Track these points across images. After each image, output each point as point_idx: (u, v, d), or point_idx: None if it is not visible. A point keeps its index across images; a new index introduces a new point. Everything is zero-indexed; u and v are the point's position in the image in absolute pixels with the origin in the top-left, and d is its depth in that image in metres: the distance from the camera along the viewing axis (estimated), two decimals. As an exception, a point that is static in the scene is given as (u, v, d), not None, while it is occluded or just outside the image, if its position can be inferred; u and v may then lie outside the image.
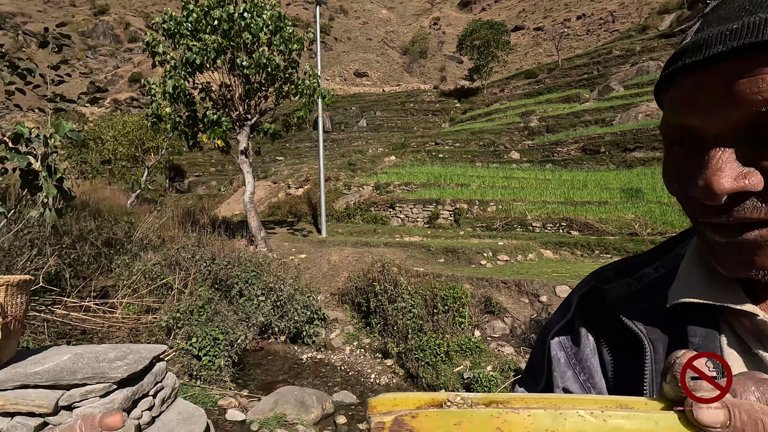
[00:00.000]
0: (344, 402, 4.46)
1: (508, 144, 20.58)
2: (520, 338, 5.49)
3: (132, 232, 7.67)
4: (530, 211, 11.77)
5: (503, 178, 15.53)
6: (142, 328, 5.14)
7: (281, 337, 6.06)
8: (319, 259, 8.56)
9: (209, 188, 22.89)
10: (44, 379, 2.30)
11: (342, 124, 28.67)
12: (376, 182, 15.24)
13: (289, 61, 9.19)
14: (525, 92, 27.74)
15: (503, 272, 7.25)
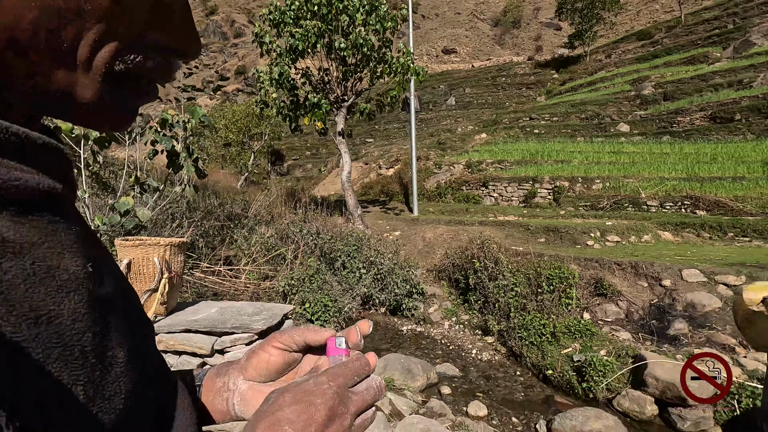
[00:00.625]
0: (447, 374, 4.54)
1: (616, 116, 18.58)
2: (638, 324, 5.02)
3: (247, 209, 8.51)
4: (644, 189, 10.58)
5: (610, 153, 14.12)
6: (261, 292, 5.72)
7: (381, 309, 6.32)
8: (414, 236, 8.67)
9: (305, 171, 24.37)
10: (202, 326, 2.69)
11: (430, 103, 28.33)
12: (467, 161, 14.88)
13: (383, 41, 9.26)
14: (637, 56, 24.65)
15: (614, 254, 6.66)
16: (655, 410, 3.79)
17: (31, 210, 0.28)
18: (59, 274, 0.28)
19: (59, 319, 0.26)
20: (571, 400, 4.16)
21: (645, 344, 4.62)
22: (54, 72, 0.27)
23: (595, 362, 4.16)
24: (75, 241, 0.31)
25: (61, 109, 0.29)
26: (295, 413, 0.35)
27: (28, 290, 0.25)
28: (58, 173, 0.30)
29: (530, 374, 4.66)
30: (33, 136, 0.28)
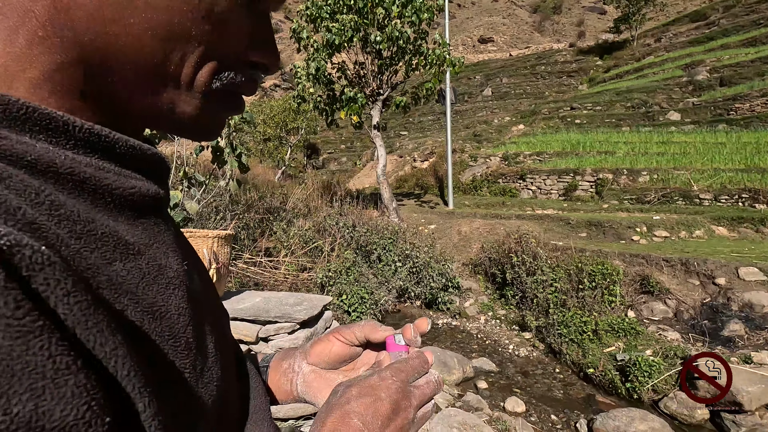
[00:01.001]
0: (483, 368, 4.50)
1: (666, 103, 17.55)
2: (688, 324, 4.78)
3: (285, 202, 8.74)
4: (696, 181, 9.97)
5: (659, 144, 13.38)
6: (300, 283, 5.88)
7: (417, 302, 6.34)
8: (449, 229, 8.61)
9: (340, 164, 24.65)
10: (248, 315, 2.81)
11: (465, 95, 27.82)
12: (504, 153, 14.55)
13: (419, 32, 9.16)
14: (690, 39, 23.12)
15: (663, 250, 6.33)
16: (706, 414, 3.61)
17: (143, 214, 0.31)
18: (166, 272, 0.31)
19: (168, 314, 0.29)
20: (613, 400, 4.03)
21: (695, 345, 4.39)
22: (163, 91, 0.31)
23: (641, 362, 4.00)
24: (173, 240, 0.34)
25: (163, 122, 0.33)
26: (363, 406, 0.37)
27: (145, 288, 0.28)
28: (161, 179, 0.34)
29: (570, 372, 4.55)
30: (144, 147, 0.31)
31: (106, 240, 0.26)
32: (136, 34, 0.27)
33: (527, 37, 46.84)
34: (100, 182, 0.27)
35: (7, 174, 0.22)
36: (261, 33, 0.34)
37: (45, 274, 0.19)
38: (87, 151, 0.27)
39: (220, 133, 0.36)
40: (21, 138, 0.24)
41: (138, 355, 0.24)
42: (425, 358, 0.45)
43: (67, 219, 0.24)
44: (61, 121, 0.26)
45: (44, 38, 0.26)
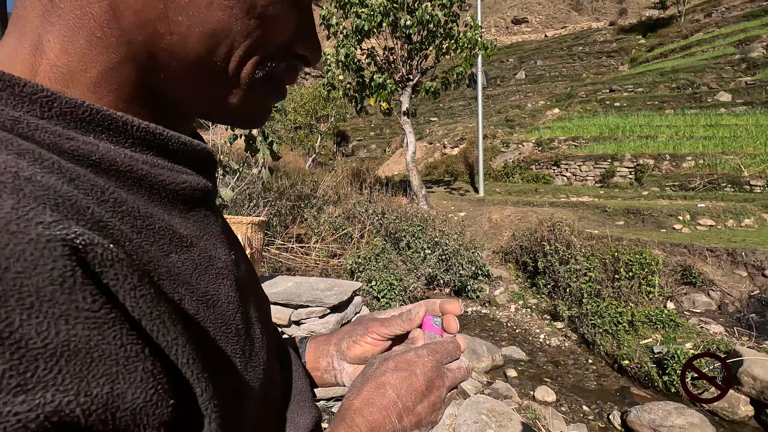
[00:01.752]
0: (513, 357, 4.47)
1: (715, 83, 16.42)
2: (733, 317, 4.54)
3: (316, 189, 8.86)
4: (747, 167, 9.35)
5: (705, 127, 12.58)
6: (330, 269, 5.99)
7: (446, 289, 6.33)
8: (480, 217, 8.49)
9: (370, 151, 24.65)
10: (280, 298, 2.90)
11: (498, 79, 27.04)
12: (537, 138, 14.10)
13: (450, 15, 8.94)
14: (744, 13, 21.43)
15: (707, 239, 6.02)
16: (750, 411, 3.45)
17: (193, 207, 0.33)
18: (216, 263, 0.33)
19: (219, 302, 0.31)
20: (649, 393, 3.92)
21: (741, 339, 4.18)
22: (210, 84, 0.32)
23: (680, 355, 3.85)
24: (221, 231, 0.36)
25: (212, 113, 0.35)
26: (398, 379, 0.39)
27: (198, 278, 0.30)
28: (209, 173, 0.36)
29: (603, 363, 4.44)
30: (194, 143, 0.33)
31: (163, 233, 0.28)
32: (182, 32, 0.29)
33: (564, 16, 44.77)
34: (156, 178, 0.29)
35: (75, 174, 0.24)
36: (304, 26, 0.34)
37: (114, 270, 0.21)
38: (143, 148, 0.30)
39: (267, 119, 0.38)
40: (86, 138, 0.26)
41: (195, 342, 0.26)
42: (458, 344, 0.46)
43: (129, 215, 0.26)
44: (121, 121, 0.28)
45: (102, 38, 0.27)
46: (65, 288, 0.19)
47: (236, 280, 0.34)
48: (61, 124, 0.26)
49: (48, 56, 0.27)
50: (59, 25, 0.27)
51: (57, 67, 0.27)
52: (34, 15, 0.27)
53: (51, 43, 0.27)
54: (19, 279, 0.17)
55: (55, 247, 0.19)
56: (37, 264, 0.18)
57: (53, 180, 0.22)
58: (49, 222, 0.19)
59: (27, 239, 0.18)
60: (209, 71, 0.31)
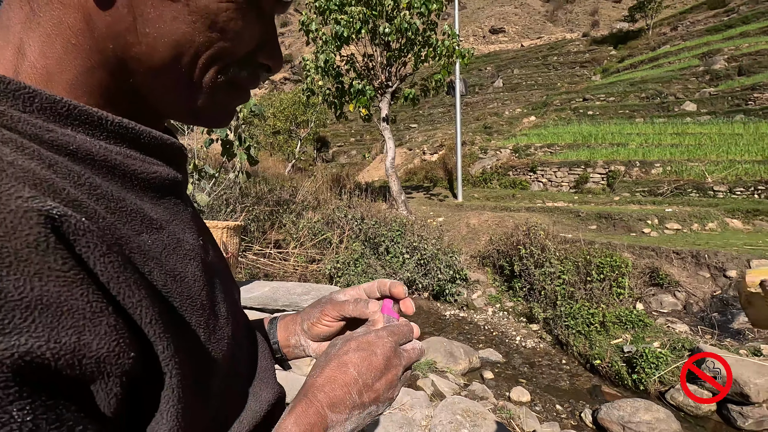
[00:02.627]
0: (490, 359, 4.54)
1: (681, 94, 17.18)
2: (697, 316, 4.74)
3: (295, 194, 8.81)
4: (711, 173, 9.80)
5: (673, 135, 13.14)
6: (309, 274, 5.96)
7: (424, 294, 6.38)
8: (458, 222, 8.61)
9: (350, 157, 24.66)
10: (256, 303, 2.88)
11: (476, 86, 27.54)
12: (514, 145, 14.42)
13: (428, 24, 9.09)
14: (707, 27, 22.54)
15: (674, 242, 6.27)
16: (712, 406, 3.60)
17: (164, 195, 0.36)
18: (183, 245, 0.36)
19: (186, 279, 0.34)
20: (619, 391, 4.04)
21: (704, 337, 4.37)
22: (176, 88, 0.36)
23: (648, 354, 4.00)
24: (190, 218, 0.40)
25: (179, 114, 0.38)
26: (359, 358, 0.42)
27: (167, 257, 0.33)
28: (179, 165, 0.39)
29: (576, 363, 4.56)
30: (164, 137, 0.36)
31: (134, 215, 0.32)
32: (149, 42, 0.32)
33: (539, 27, 46.04)
34: (128, 167, 0.33)
35: (54, 161, 0.27)
36: (265, 37, 0.38)
37: (86, 239, 0.24)
38: (117, 141, 0.33)
39: (230, 120, 0.41)
40: (64, 131, 0.29)
41: (159, 307, 0.30)
42: (412, 327, 0.49)
43: (103, 197, 0.29)
44: (96, 116, 0.31)
45: (76, 45, 0.31)
46: (39, 251, 0.21)
47: (203, 262, 0.37)
48: (42, 117, 0.29)
49: (29, 59, 0.30)
50: (39, 31, 0.30)
51: (36, 69, 0.30)
52: (17, 21, 0.31)
53: (31, 47, 0.30)
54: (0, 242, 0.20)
55: (32, 217, 0.22)
56: (15, 230, 0.21)
57: (33, 165, 0.25)
58: (27, 197, 0.22)
59: (7, 210, 0.21)
60: (175, 77, 0.34)
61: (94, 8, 0.30)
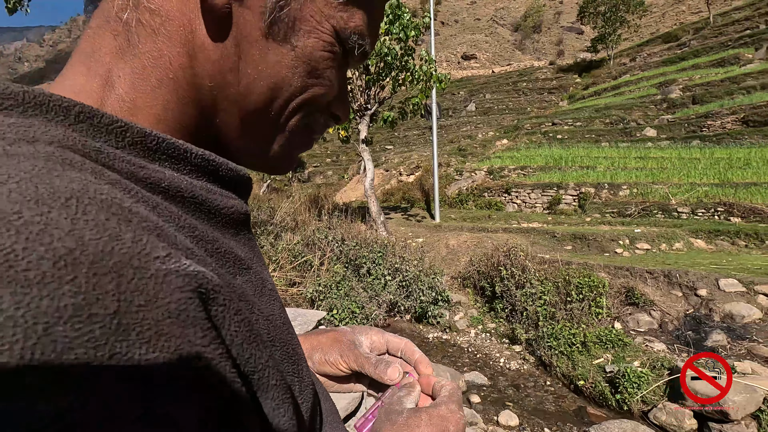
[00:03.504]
0: (476, 382, 4.50)
1: (642, 120, 18.18)
2: (673, 334, 4.88)
3: (273, 215, 8.65)
4: (674, 195, 10.31)
5: (636, 159, 13.81)
6: (289, 298, 5.81)
7: (407, 316, 6.32)
8: (437, 243, 8.66)
9: (326, 178, 24.62)
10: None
11: (450, 110, 28.31)
12: (489, 167, 14.79)
13: (406, 49, 9.33)
14: (663, 59, 24.13)
15: (645, 262, 6.49)
16: (693, 424, 3.67)
17: (240, 230, 0.34)
18: (266, 284, 0.33)
19: (276, 323, 0.31)
20: (604, 411, 4.07)
21: (681, 356, 4.49)
22: (260, 131, 0.35)
23: (629, 373, 4.06)
24: (260, 253, 0.37)
25: (250, 158, 0.37)
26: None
27: (259, 299, 0.31)
28: (246, 197, 0.36)
29: (560, 384, 4.58)
30: (239, 169, 0.34)
31: (228, 256, 0.29)
32: (248, 83, 0.32)
33: (509, 54, 48.16)
34: (212, 203, 0.30)
35: (155, 202, 0.25)
36: (342, 88, 0.38)
37: (221, 298, 0.22)
38: (199, 174, 0.31)
39: (292, 168, 0.40)
40: (154, 166, 0.27)
41: (274, 365, 0.27)
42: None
43: (202, 240, 0.27)
44: (182, 149, 0.29)
45: (173, 80, 0.30)
46: (180, 320, 0.19)
47: (280, 301, 0.35)
48: (133, 153, 0.27)
49: (117, 91, 0.29)
50: (134, 63, 0.29)
51: (124, 102, 0.29)
52: (106, 52, 0.29)
53: (121, 79, 0.29)
54: (141, 312, 0.18)
55: (172, 281, 0.20)
56: (157, 297, 0.19)
57: (143, 209, 0.22)
58: (164, 256, 0.20)
59: (149, 274, 0.19)
60: (263, 120, 0.34)
61: (201, 44, 0.30)
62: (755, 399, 3.52)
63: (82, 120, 0.24)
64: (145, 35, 0.29)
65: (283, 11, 0.31)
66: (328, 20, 0.33)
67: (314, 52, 0.33)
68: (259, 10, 0.31)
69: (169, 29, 0.29)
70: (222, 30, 0.30)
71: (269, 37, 0.31)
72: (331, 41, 0.33)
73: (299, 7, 0.32)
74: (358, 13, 0.35)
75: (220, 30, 0.30)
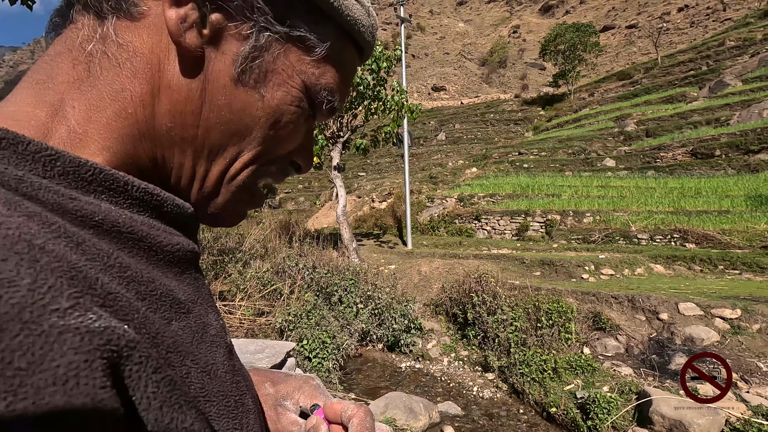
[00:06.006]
0: (449, 413, 4.42)
1: (602, 151, 19.18)
2: (638, 358, 5.00)
3: (242, 242, 8.44)
4: (634, 222, 10.79)
5: (598, 188, 14.47)
6: (257, 328, 5.60)
7: (379, 345, 6.20)
8: (409, 269, 8.65)
9: (298, 204, 24.41)
10: (204, 365, 2.62)
11: (420, 139, 28.97)
12: (459, 194, 15.09)
13: (378, 80, 9.57)
14: (618, 95, 25.78)
15: (610, 287, 6.69)
16: (662, 449, 3.71)
17: (185, 269, 0.31)
18: (209, 329, 0.30)
19: (218, 372, 0.29)
20: (576, 439, 4.06)
21: (647, 380, 4.58)
22: (210, 179, 0.33)
23: (599, 399, 4.10)
24: (208, 293, 0.34)
25: (196, 206, 0.35)
26: None
27: (198, 347, 0.28)
28: (194, 235, 0.34)
29: (533, 412, 4.56)
30: (185, 206, 0.32)
31: (164, 300, 0.27)
32: (207, 127, 0.31)
33: (476, 87, 50.31)
34: (154, 240, 0.28)
35: (81, 238, 0.22)
36: (305, 141, 0.38)
37: (136, 356, 0.19)
38: (141, 209, 0.29)
39: (239, 222, 0.39)
40: (88, 198, 0.25)
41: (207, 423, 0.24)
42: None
43: (133, 281, 0.25)
44: (122, 180, 0.27)
45: (132, 115, 0.29)
46: (68, 388, 0.16)
47: (227, 346, 0.33)
48: (63, 183, 0.24)
49: (69, 122, 0.27)
50: (90, 94, 0.28)
51: (75, 133, 0.27)
52: (62, 80, 0.28)
53: (75, 110, 0.27)
54: (18, 377, 0.15)
55: (67, 340, 0.17)
56: (44, 360, 0.16)
57: (62, 247, 0.20)
58: (65, 308, 0.17)
59: (38, 331, 0.16)
60: (214, 167, 0.33)
61: (167, 83, 0.29)
62: (718, 421, 3.61)
63: (4, 147, 0.23)
64: (108, 67, 0.28)
65: (255, 61, 0.31)
66: (299, 75, 0.33)
67: (281, 105, 0.33)
68: (232, 57, 0.30)
69: (135, 65, 0.28)
70: (191, 72, 0.30)
71: (238, 84, 0.31)
72: (300, 96, 0.33)
73: (272, 60, 0.31)
74: (331, 70, 0.34)
75: (190, 71, 0.30)
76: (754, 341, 4.70)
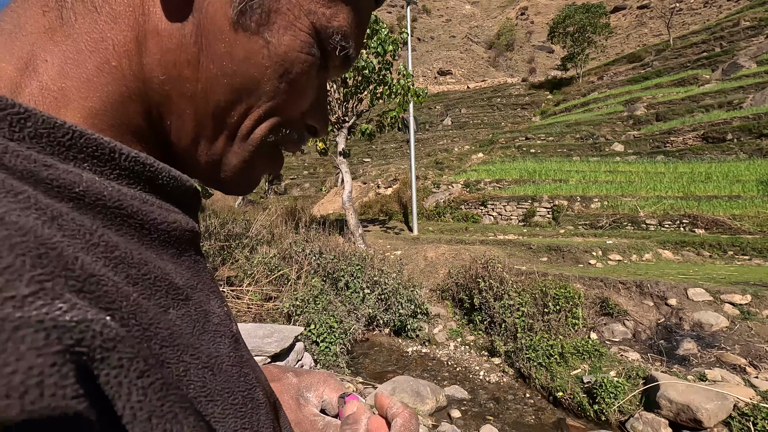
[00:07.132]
0: (456, 396, 4.45)
1: (610, 135, 18.89)
2: (646, 343, 4.99)
3: (248, 228, 8.47)
4: (642, 208, 10.68)
5: (606, 173, 14.29)
6: (265, 313, 5.64)
7: (385, 330, 6.24)
8: (415, 255, 8.65)
9: (303, 190, 24.40)
10: (214, 349, 2.64)
11: (426, 124, 28.70)
12: (465, 180, 14.99)
13: (383, 63, 9.43)
14: (628, 78, 25.25)
15: (617, 272, 6.65)
16: (669, 433, 3.72)
17: (184, 250, 0.28)
18: (212, 318, 0.27)
19: (222, 366, 0.26)
20: (582, 423, 4.09)
21: (655, 365, 4.58)
22: (217, 139, 0.30)
23: (606, 384, 4.10)
24: (210, 278, 0.31)
25: (205, 172, 0.31)
26: None
27: (199, 338, 0.25)
28: (195, 212, 0.31)
29: (540, 396, 4.59)
30: (184, 178, 0.29)
31: (160, 285, 0.23)
32: (209, 80, 0.27)
33: (483, 71, 49.52)
34: (146, 216, 0.25)
35: (57, 211, 0.19)
36: (319, 98, 0.34)
37: (116, 357, 0.16)
38: (131, 181, 0.25)
39: (255, 188, 0.35)
40: (67, 167, 0.21)
41: (207, 427, 0.21)
42: None
43: (122, 262, 0.21)
44: (108, 147, 0.24)
45: (116, 68, 0.25)
46: (27, 402, 0.12)
47: (233, 336, 0.29)
48: (35, 147, 0.20)
49: (41, 77, 0.23)
50: (65, 45, 0.24)
51: (50, 91, 0.23)
52: (30, 30, 0.24)
53: (48, 64, 0.24)
54: None
55: (25, 338, 0.13)
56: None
57: (32, 220, 0.17)
58: (23, 296, 0.14)
59: None
60: (222, 124, 0.29)
61: (153, 29, 0.25)
62: (726, 406, 3.61)
63: None
64: (84, 12, 0.24)
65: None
66: (308, 16, 0.29)
67: (290, 52, 0.29)
68: None
69: (115, 8, 0.24)
70: (181, 15, 0.26)
71: (238, 28, 0.27)
72: (310, 41, 0.29)
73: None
74: (344, 10, 0.30)
75: (179, 14, 0.25)
76: (763, 327, 4.66)
